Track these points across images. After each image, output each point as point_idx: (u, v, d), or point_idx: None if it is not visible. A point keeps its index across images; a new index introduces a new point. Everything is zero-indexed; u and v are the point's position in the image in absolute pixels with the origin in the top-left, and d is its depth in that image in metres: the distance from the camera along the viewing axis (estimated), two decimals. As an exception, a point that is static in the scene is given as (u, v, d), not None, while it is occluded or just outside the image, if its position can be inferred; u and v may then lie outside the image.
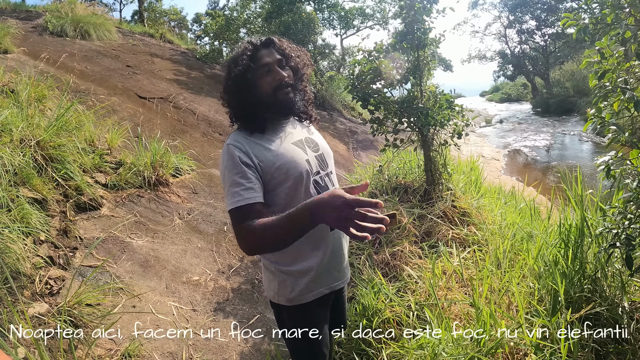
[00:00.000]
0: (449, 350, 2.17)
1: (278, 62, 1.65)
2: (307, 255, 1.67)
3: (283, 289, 1.69)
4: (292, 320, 1.75)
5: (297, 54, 1.75)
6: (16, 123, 3.55)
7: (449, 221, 3.84)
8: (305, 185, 1.61)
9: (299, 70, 1.73)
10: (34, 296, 2.60)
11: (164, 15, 24.51)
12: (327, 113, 12.63)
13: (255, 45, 1.67)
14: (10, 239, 2.67)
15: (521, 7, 29.86)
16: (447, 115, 4.00)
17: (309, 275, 1.67)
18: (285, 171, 1.58)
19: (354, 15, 17.57)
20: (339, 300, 1.92)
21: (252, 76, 1.63)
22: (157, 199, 4.40)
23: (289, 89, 1.64)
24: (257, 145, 1.60)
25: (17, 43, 7.58)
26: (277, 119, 1.70)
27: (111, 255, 3.35)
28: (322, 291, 1.72)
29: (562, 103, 22.48)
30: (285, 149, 1.63)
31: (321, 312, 1.78)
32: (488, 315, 2.21)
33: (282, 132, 1.69)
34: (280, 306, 1.75)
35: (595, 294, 2.35)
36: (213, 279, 3.65)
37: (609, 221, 2.36)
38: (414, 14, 3.90)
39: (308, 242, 1.60)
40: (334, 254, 1.72)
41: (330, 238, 1.69)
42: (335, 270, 1.75)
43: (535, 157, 12.68)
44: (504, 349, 2.15)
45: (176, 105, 7.63)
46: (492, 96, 41.18)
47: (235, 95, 1.67)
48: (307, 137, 1.76)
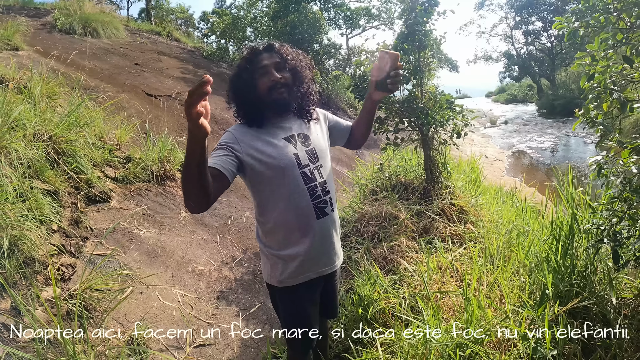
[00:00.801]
0: (439, 338, 2.28)
1: (276, 65, 1.82)
2: (296, 241, 1.84)
3: (274, 271, 1.88)
4: (282, 301, 1.94)
5: (296, 57, 1.93)
6: (29, 118, 3.69)
7: (447, 218, 3.94)
8: (292, 176, 1.79)
9: (298, 72, 1.89)
10: (47, 281, 2.75)
11: (171, 14, 24.61)
12: (332, 112, 12.68)
13: (256, 50, 1.85)
14: (26, 227, 2.82)
15: (527, 8, 29.74)
16: (446, 115, 4.10)
17: (297, 260, 1.84)
18: (272, 160, 1.76)
19: (359, 15, 17.65)
20: (328, 286, 2.07)
21: (251, 77, 1.81)
22: (164, 192, 4.53)
23: (283, 89, 1.81)
24: (252, 135, 1.80)
25: (27, 40, 7.66)
26: (275, 115, 1.87)
27: (120, 244, 3.49)
28: (310, 275, 1.89)
29: (568, 105, 22.37)
30: (275, 142, 1.80)
31: (309, 295, 1.94)
32: (476, 306, 2.32)
33: (278, 127, 1.87)
34: (272, 287, 1.93)
35: (585, 289, 2.41)
36: (217, 269, 3.78)
37: (596, 218, 2.46)
38: (415, 16, 4.00)
39: (297, 229, 1.82)
40: (322, 242, 1.88)
41: (318, 227, 1.84)
42: (324, 256, 1.92)
43: (539, 158, 12.70)
44: (491, 337, 2.25)
45: (183, 103, 7.71)
46: (498, 97, 41.02)
47: (236, 94, 1.87)
48: (301, 132, 1.91)
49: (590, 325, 2.17)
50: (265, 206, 1.84)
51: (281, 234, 1.84)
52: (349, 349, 2.51)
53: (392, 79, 1.80)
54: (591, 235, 2.56)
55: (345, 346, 2.65)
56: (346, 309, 2.89)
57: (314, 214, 1.82)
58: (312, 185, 1.82)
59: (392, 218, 3.88)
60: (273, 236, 1.87)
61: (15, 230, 2.74)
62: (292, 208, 1.79)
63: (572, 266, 2.53)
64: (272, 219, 1.83)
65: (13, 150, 3.24)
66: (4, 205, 2.77)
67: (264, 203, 1.84)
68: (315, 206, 1.82)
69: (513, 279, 2.83)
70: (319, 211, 1.83)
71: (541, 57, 30.83)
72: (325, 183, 1.88)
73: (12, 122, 3.47)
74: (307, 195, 1.80)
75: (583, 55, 2.35)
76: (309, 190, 1.81)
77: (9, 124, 3.39)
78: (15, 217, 2.79)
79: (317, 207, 1.83)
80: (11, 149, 3.23)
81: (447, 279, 2.98)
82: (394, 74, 1.79)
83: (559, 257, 2.58)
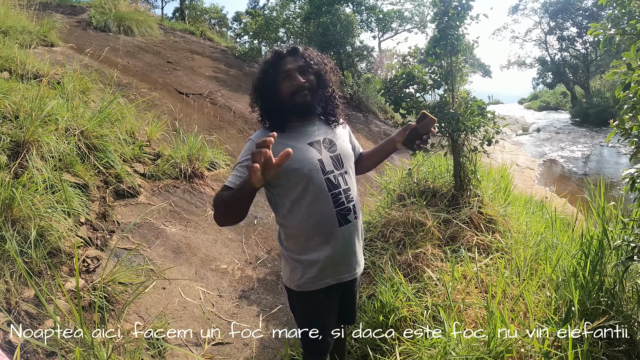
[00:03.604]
0: (459, 350, 2.22)
1: (299, 69, 1.80)
2: (317, 247, 1.81)
3: (294, 274, 1.86)
4: (299, 305, 1.92)
5: (320, 61, 1.90)
6: (62, 113, 3.78)
7: (474, 227, 3.86)
8: (316, 183, 1.77)
9: (322, 76, 1.87)
10: (71, 272, 2.81)
11: (204, 14, 25.02)
12: (363, 115, 12.65)
13: (279, 53, 1.83)
14: (54, 218, 2.88)
15: (562, 13, 28.90)
16: (477, 121, 4.02)
17: (317, 266, 1.82)
18: (296, 168, 1.74)
19: (392, 18, 17.55)
20: (347, 293, 2.04)
21: (274, 81, 1.80)
22: (192, 190, 4.58)
23: (307, 93, 1.79)
24: (275, 142, 1.74)
25: (62, 37, 7.86)
26: (299, 120, 1.86)
27: (145, 239, 3.53)
28: (329, 282, 1.86)
29: (602, 114, 21.65)
30: (299, 147, 1.78)
31: (327, 301, 1.92)
32: (499, 319, 2.25)
33: (302, 132, 1.85)
34: (291, 290, 1.92)
35: (612, 308, 2.33)
36: (240, 268, 3.80)
37: (627, 234, 2.36)
38: (447, 20, 3.94)
39: (318, 235, 1.79)
40: (343, 249, 1.85)
41: (339, 234, 1.82)
42: (344, 264, 1.89)
43: (571, 168, 12.37)
44: (512, 353, 2.18)
45: (214, 102, 7.80)
46: (531, 104, 40.14)
47: (260, 98, 1.87)
48: (326, 138, 1.89)
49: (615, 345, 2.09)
50: (288, 211, 1.82)
51: (302, 239, 1.83)
52: (367, 356, 2.47)
53: (421, 141, 1.87)
54: (621, 251, 2.48)
55: (364, 353, 2.62)
56: (367, 315, 2.85)
57: (336, 221, 1.80)
58: (336, 192, 1.80)
59: (418, 225, 3.82)
60: (294, 240, 1.85)
61: (43, 221, 2.80)
62: (315, 214, 1.78)
63: (600, 283, 2.45)
64: (293, 224, 1.82)
65: (45, 144, 3.32)
66: (33, 197, 2.85)
67: (286, 208, 1.82)
68: (338, 213, 1.80)
69: (539, 293, 2.75)
70: (342, 218, 1.81)
71: (575, 63, 29.97)
72: (350, 190, 1.86)
73: (45, 116, 3.55)
74: (331, 202, 1.78)
75: (619, 63, 2.27)
76: (333, 197, 1.79)
77: (42, 118, 3.47)
78: (44, 209, 2.86)
79: (340, 215, 1.80)
80: (43, 142, 3.32)
81: (472, 290, 2.91)
82: (425, 138, 1.86)
83: (587, 273, 2.50)
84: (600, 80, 27.12)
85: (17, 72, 4.39)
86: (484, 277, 3.05)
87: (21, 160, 3.15)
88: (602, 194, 2.79)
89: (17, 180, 2.91)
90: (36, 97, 3.58)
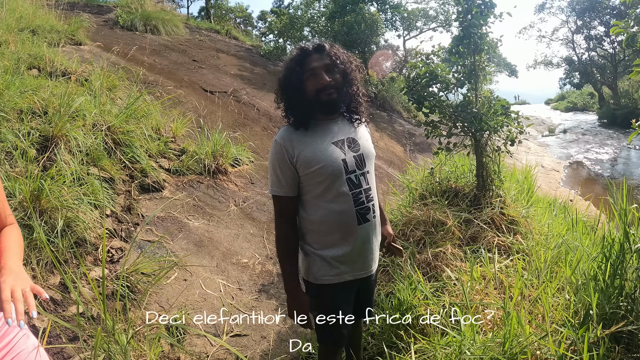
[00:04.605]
0: (474, 350, 2.22)
1: (325, 67, 1.80)
2: (336, 244, 1.85)
3: (312, 267, 1.90)
4: (316, 298, 1.94)
5: (346, 59, 1.90)
6: (89, 109, 3.90)
7: (495, 228, 3.82)
8: (338, 182, 1.80)
9: (347, 75, 1.87)
10: (95, 262, 2.91)
11: (229, 12, 25.24)
12: (387, 114, 12.61)
13: (305, 50, 1.84)
14: (81, 210, 2.98)
15: (589, 12, 28.08)
16: (500, 121, 3.98)
17: (335, 262, 1.86)
18: (320, 167, 1.77)
19: (416, 17, 17.40)
20: (364, 288, 2.07)
21: (300, 79, 1.81)
22: (215, 185, 4.66)
23: (332, 91, 1.79)
24: (299, 141, 1.80)
25: (90, 36, 8.04)
26: (323, 118, 1.88)
27: (169, 232, 3.61)
28: (346, 277, 1.90)
29: (630, 115, 20.91)
30: (324, 147, 1.81)
31: (344, 294, 1.95)
32: (515, 320, 2.24)
33: (326, 130, 1.87)
34: (308, 283, 1.96)
35: (631, 313, 2.28)
36: (261, 263, 3.85)
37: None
38: (470, 18, 3.91)
39: (337, 233, 1.83)
40: (361, 247, 1.88)
41: (358, 233, 1.85)
42: (362, 261, 1.92)
43: (597, 171, 12.10)
44: (527, 355, 2.16)
45: (238, 100, 7.88)
46: (558, 104, 39.27)
47: (285, 95, 1.88)
48: (350, 137, 1.90)
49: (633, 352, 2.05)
50: (308, 207, 1.86)
51: (322, 235, 1.86)
52: (382, 353, 2.49)
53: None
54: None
55: (379, 349, 2.63)
56: (384, 312, 2.86)
57: (355, 220, 1.82)
58: (357, 192, 1.83)
59: (439, 224, 3.80)
60: (313, 235, 1.89)
61: (70, 212, 2.91)
62: (335, 213, 1.81)
63: (620, 287, 2.39)
64: (314, 220, 1.86)
65: (72, 138, 3.44)
66: (61, 189, 2.96)
67: (307, 204, 1.86)
68: (358, 212, 1.82)
69: (557, 295, 2.71)
70: (361, 217, 1.83)
71: (603, 63, 29.14)
72: (370, 189, 1.88)
73: (73, 112, 3.67)
74: (351, 201, 1.81)
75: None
76: (354, 196, 1.81)
77: (70, 113, 3.59)
78: (71, 200, 2.96)
79: (360, 213, 1.83)
80: (71, 137, 3.43)
81: (490, 291, 2.89)
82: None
83: (607, 277, 2.45)
84: (628, 81, 26.37)
85: (46, 70, 4.53)
86: (503, 278, 3.03)
87: (50, 154, 3.27)
88: (624, 196, 2.74)
89: (45, 172, 3.02)
90: (64, 94, 3.69)
